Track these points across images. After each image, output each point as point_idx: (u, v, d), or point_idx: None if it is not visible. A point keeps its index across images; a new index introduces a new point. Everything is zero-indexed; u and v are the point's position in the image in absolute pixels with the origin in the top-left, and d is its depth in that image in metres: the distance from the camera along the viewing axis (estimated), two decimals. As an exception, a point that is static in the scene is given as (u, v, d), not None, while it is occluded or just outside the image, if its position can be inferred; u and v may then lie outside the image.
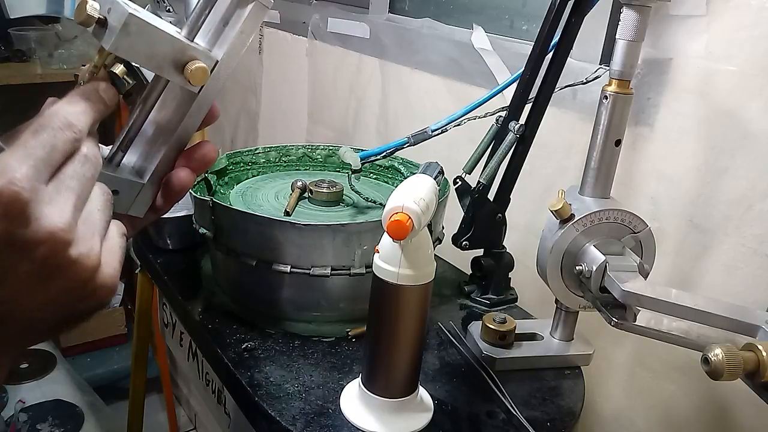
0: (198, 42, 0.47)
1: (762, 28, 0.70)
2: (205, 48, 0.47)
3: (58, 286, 0.39)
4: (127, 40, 0.42)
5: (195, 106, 0.48)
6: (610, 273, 0.66)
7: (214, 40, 0.48)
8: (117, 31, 0.41)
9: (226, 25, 0.47)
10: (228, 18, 0.47)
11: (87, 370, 1.97)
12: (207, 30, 0.48)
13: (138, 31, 0.42)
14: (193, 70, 0.45)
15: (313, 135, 1.58)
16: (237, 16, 0.47)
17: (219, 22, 0.47)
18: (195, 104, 0.48)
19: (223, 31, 0.47)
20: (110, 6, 0.42)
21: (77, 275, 0.39)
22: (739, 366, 0.51)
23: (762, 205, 0.72)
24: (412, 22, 1.24)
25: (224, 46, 0.47)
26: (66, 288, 0.39)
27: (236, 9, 0.47)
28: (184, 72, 0.45)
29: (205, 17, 0.47)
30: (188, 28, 0.47)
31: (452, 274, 0.98)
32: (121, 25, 0.41)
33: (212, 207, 0.79)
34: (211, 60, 0.47)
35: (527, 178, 0.85)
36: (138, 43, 0.43)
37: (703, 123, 0.77)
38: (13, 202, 0.35)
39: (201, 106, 0.48)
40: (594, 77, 0.81)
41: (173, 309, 1.02)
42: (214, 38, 0.48)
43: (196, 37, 0.47)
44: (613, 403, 0.93)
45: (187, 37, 0.47)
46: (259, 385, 0.69)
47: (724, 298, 0.73)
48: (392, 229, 0.52)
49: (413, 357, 0.63)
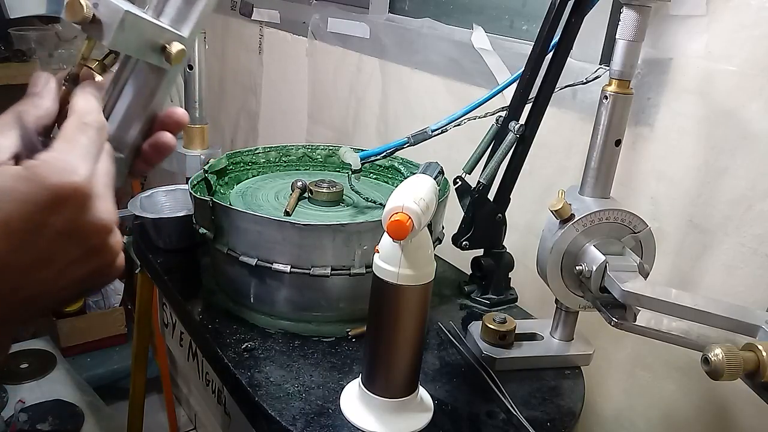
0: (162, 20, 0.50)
1: (762, 28, 0.70)
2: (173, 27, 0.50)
3: (90, 268, 0.43)
4: (122, 35, 0.45)
5: (165, 82, 0.51)
6: (610, 273, 0.66)
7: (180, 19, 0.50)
8: (114, 28, 0.44)
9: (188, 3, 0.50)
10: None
11: (87, 370, 1.97)
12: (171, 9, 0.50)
13: (131, 26, 0.45)
14: (176, 52, 0.48)
15: (313, 135, 1.58)
16: None
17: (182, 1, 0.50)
18: (165, 79, 0.51)
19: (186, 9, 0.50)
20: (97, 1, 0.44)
21: (108, 258, 0.43)
22: (739, 366, 0.51)
23: (762, 205, 0.72)
24: (412, 22, 1.24)
25: (190, 25, 0.50)
26: (95, 270, 0.43)
27: None
28: (166, 53, 0.48)
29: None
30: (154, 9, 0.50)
31: (452, 274, 0.98)
32: (117, 22, 0.44)
33: (212, 207, 0.79)
34: (183, 39, 0.50)
35: (527, 178, 0.85)
36: (130, 35, 0.45)
37: (703, 123, 0.77)
38: (80, 197, 0.40)
39: (171, 81, 0.51)
40: (594, 77, 0.81)
41: (173, 309, 1.02)
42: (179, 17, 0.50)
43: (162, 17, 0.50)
44: (613, 403, 0.93)
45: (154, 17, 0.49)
46: (259, 385, 0.69)
47: (724, 298, 0.73)
48: (392, 229, 0.52)
49: (413, 357, 0.63)
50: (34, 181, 0.38)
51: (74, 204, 0.39)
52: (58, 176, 0.39)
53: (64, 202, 0.39)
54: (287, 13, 1.59)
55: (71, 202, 0.39)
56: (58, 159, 0.39)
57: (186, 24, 0.50)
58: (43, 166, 0.39)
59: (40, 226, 0.39)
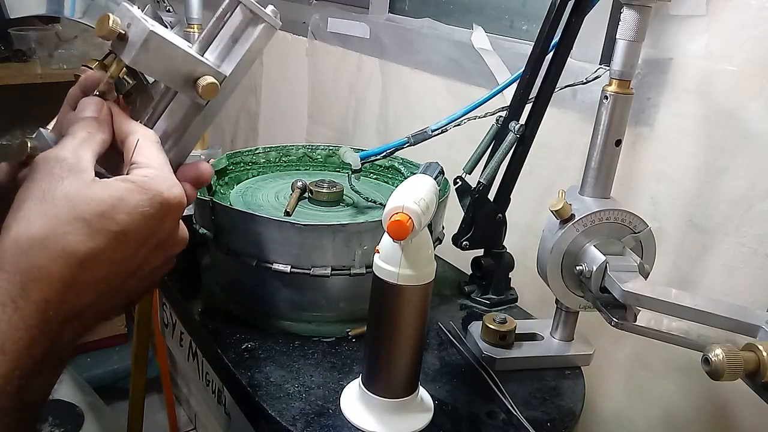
0: (207, 57, 0.50)
1: (762, 28, 0.70)
2: (215, 63, 0.50)
3: (160, 275, 0.47)
4: (146, 56, 0.45)
5: (200, 118, 0.51)
6: (610, 273, 0.66)
7: (223, 56, 0.50)
8: (137, 46, 0.44)
9: (235, 43, 0.50)
10: (238, 36, 0.50)
11: (87, 370, 1.97)
12: (217, 46, 0.50)
13: (156, 48, 0.45)
14: (205, 85, 0.48)
15: (313, 135, 1.58)
16: (247, 35, 0.50)
17: (229, 40, 0.50)
18: (200, 116, 0.51)
19: (233, 48, 0.50)
20: (130, 21, 0.45)
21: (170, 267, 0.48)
22: (739, 366, 0.51)
23: (762, 205, 0.72)
24: (412, 22, 1.24)
25: (232, 63, 0.50)
26: (159, 276, 0.47)
27: (246, 28, 0.50)
28: (195, 86, 0.48)
29: (217, 34, 0.50)
30: (200, 43, 0.50)
31: (452, 274, 0.98)
32: (141, 41, 0.44)
33: (212, 207, 0.79)
34: (220, 75, 0.49)
35: (527, 178, 0.85)
36: (156, 58, 0.45)
37: (703, 123, 0.77)
38: (181, 210, 0.43)
39: (206, 118, 0.51)
40: (594, 77, 0.81)
41: (173, 309, 1.02)
42: (223, 55, 0.50)
43: (207, 53, 0.50)
44: (613, 403, 0.93)
45: (199, 52, 0.49)
46: (259, 385, 0.69)
47: (724, 298, 0.73)
48: (392, 229, 0.52)
49: (413, 357, 0.62)
50: (147, 194, 0.41)
51: (176, 216, 0.43)
52: (168, 190, 0.42)
53: (172, 213, 0.42)
54: (287, 13, 1.59)
55: (175, 214, 0.43)
56: (163, 174, 0.43)
57: (229, 62, 0.50)
58: (153, 180, 0.42)
59: (152, 235, 0.42)
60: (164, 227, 0.43)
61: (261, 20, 0.50)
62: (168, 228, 0.43)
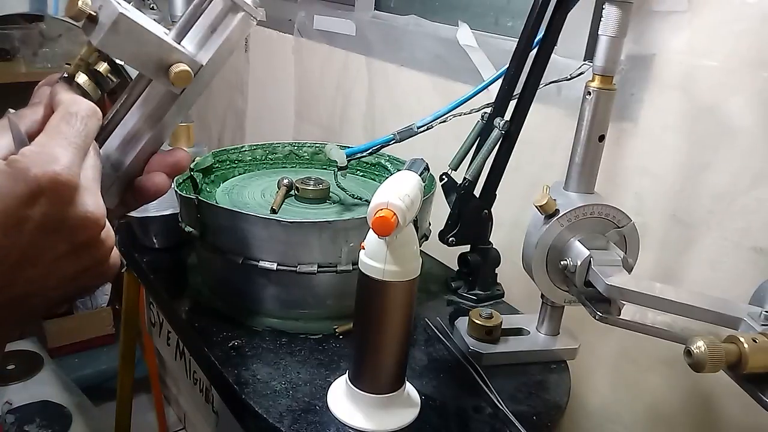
0: (185, 45, 0.49)
1: (743, 24, 0.71)
2: (191, 52, 0.49)
3: (82, 265, 0.41)
4: (115, 38, 0.44)
5: (175, 107, 0.50)
6: (594, 267, 0.66)
7: (201, 45, 0.49)
8: (106, 28, 0.43)
9: (213, 32, 0.49)
10: (216, 25, 0.49)
11: (75, 370, 1.95)
12: (195, 35, 0.49)
13: (127, 30, 0.44)
14: (177, 72, 0.46)
15: (300, 132, 1.58)
16: (225, 24, 0.49)
17: (207, 28, 0.49)
18: (175, 105, 0.50)
19: (210, 37, 0.49)
20: (101, 3, 0.44)
21: (101, 255, 0.42)
22: (721, 358, 0.51)
23: (744, 200, 0.73)
24: (397, 19, 1.24)
25: (209, 52, 0.49)
26: (87, 267, 0.42)
27: (225, 17, 0.49)
28: (168, 73, 0.47)
29: (194, 22, 0.49)
30: (177, 30, 0.49)
31: (439, 270, 0.98)
32: (110, 23, 0.43)
33: (198, 205, 0.79)
34: (196, 64, 0.48)
35: (513, 174, 0.85)
36: (125, 42, 0.44)
37: (686, 118, 0.78)
38: (65, 189, 0.38)
39: (181, 108, 0.50)
40: (578, 73, 0.81)
41: (160, 308, 1.02)
42: (200, 43, 0.49)
43: (184, 41, 0.49)
44: (599, 397, 0.93)
45: (175, 40, 0.48)
46: (246, 382, 0.69)
47: (707, 291, 0.74)
48: (377, 225, 0.53)
49: (400, 353, 0.63)
50: (13, 174, 0.37)
51: (55, 195, 0.38)
52: (38, 167, 0.37)
53: (43, 192, 0.37)
54: (273, 11, 1.58)
55: (51, 193, 0.37)
56: (38, 150, 0.38)
57: (206, 50, 0.49)
58: (23, 158, 0.37)
59: (21, 220, 0.37)
60: (40, 208, 0.37)
61: (240, 9, 0.49)
62: (48, 209, 0.38)
